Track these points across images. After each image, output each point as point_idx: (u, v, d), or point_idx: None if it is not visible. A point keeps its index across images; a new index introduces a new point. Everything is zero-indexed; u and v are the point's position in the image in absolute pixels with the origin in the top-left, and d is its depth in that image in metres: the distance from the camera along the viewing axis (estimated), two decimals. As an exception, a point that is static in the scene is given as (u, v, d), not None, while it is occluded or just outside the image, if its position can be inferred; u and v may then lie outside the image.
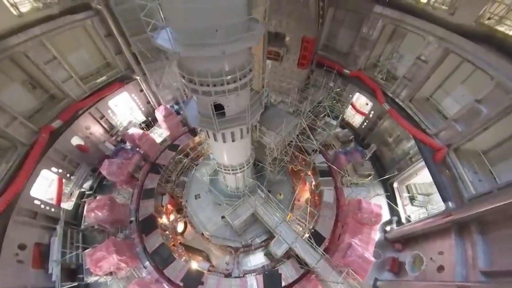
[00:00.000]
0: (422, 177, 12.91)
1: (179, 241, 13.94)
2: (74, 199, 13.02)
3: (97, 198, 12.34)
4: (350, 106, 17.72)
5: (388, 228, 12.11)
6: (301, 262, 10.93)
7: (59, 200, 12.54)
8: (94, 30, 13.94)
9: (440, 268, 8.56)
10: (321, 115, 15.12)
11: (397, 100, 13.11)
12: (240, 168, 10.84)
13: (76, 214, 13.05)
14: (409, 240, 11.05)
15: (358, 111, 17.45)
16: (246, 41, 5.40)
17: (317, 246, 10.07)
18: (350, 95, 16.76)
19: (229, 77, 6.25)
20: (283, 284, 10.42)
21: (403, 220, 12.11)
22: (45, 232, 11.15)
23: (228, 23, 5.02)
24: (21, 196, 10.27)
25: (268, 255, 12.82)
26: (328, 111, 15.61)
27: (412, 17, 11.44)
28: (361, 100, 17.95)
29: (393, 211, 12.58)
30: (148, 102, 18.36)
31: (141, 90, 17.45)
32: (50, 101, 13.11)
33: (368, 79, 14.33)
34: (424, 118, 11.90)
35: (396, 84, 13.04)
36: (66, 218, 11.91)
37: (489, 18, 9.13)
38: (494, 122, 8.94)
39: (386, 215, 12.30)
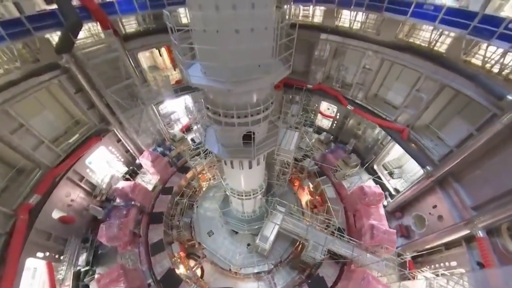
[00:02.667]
0: (392, 155, 15.82)
1: (207, 287, 12.67)
2: (70, 282, 10.53)
3: (107, 271, 10.40)
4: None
5: (385, 203, 14.06)
6: (333, 257, 11.58)
7: (53, 290, 9.96)
8: (60, 89, 12.58)
9: (440, 218, 10.63)
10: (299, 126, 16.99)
11: (356, 100, 16.04)
12: (260, 190, 11.14)
13: (78, 300, 10.52)
14: (404, 206, 13.17)
15: (325, 115, 20.16)
16: (284, 72, 6.35)
17: (349, 237, 10.91)
18: (316, 105, 19.44)
19: (264, 105, 6.97)
20: (329, 285, 10.76)
21: (393, 193, 14.33)
22: (49, 337, 8.64)
23: (269, 60, 5.94)
24: (10, 301, 7.92)
25: (297, 266, 12.98)
26: (304, 121, 17.72)
27: (351, 39, 14.74)
28: (324, 106, 20.86)
29: (383, 188, 14.74)
30: (127, 151, 16.84)
31: (118, 141, 15.99)
32: (18, 176, 10.82)
33: (329, 89, 17.11)
34: (381, 110, 14.93)
35: (353, 88, 16.04)
36: (69, 310, 9.53)
37: (406, 35, 12.77)
38: (431, 102, 12.17)
39: (380, 194, 14.33)
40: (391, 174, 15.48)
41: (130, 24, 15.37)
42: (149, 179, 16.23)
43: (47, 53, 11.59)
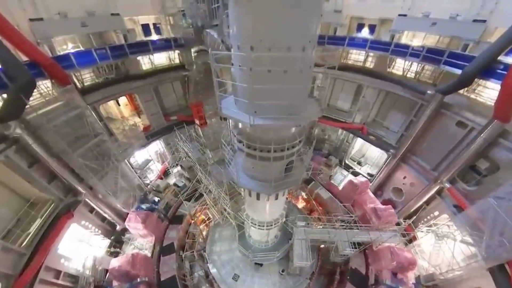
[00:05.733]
0: (355, 148, 19.24)
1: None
2: None
3: None
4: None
5: (366, 188, 16.73)
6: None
7: None
8: (4, 168, 9.41)
9: (412, 184, 13.75)
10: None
11: (318, 113, 18.95)
12: (285, 212, 11.31)
13: None
14: (382, 185, 16.11)
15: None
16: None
17: (365, 225, 12.32)
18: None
19: (304, 133, 7.60)
20: (364, 272, 11.71)
21: (368, 177, 17.27)
22: None
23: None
24: None
25: (326, 270, 13.47)
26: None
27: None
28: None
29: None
30: (104, 220, 13.57)
31: (92, 210, 12.81)
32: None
33: (293, 107, 19.51)
34: (338, 116, 18.23)
35: (312, 104, 18.95)
36: None
37: (345, 59, 16.60)
38: (374, 105, 16.02)
39: (359, 182, 17.02)
40: (359, 163, 18.69)
41: (85, 77, 13.38)
42: (141, 244, 13.50)
43: (-16, 125, 8.72)
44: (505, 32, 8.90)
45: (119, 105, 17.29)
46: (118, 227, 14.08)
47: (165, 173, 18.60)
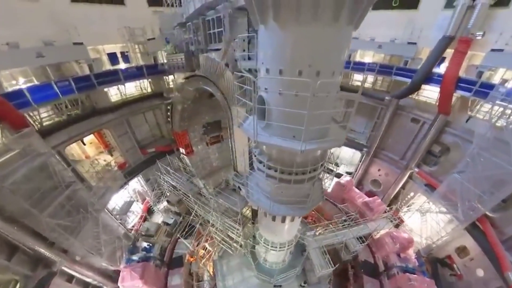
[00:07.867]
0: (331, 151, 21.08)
1: None
2: None
3: None
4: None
5: (349, 185, 18.39)
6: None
7: None
8: None
9: (387, 175, 15.91)
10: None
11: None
12: (300, 227, 11.28)
13: None
14: (361, 180, 18.04)
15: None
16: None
17: (362, 220, 13.42)
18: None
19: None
20: (373, 262, 12.57)
21: (348, 176, 19.08)
22: None
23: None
24: None
25: (337, 270, 13.82)
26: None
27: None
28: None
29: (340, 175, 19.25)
30: (87, 286, 10.63)
31: (70, 279, 9.90)
32: None
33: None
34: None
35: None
36: None
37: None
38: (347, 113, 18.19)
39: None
40: (336, 164, 20.48)
41: (42, 116, 10.82)
42: (140, 304, 11.01)
43: None
44: (431, 51, 11.85)
45: (84, 144, 14.43)
46: (105, 292, 11.23)
47: (149, 212, 16.14)
